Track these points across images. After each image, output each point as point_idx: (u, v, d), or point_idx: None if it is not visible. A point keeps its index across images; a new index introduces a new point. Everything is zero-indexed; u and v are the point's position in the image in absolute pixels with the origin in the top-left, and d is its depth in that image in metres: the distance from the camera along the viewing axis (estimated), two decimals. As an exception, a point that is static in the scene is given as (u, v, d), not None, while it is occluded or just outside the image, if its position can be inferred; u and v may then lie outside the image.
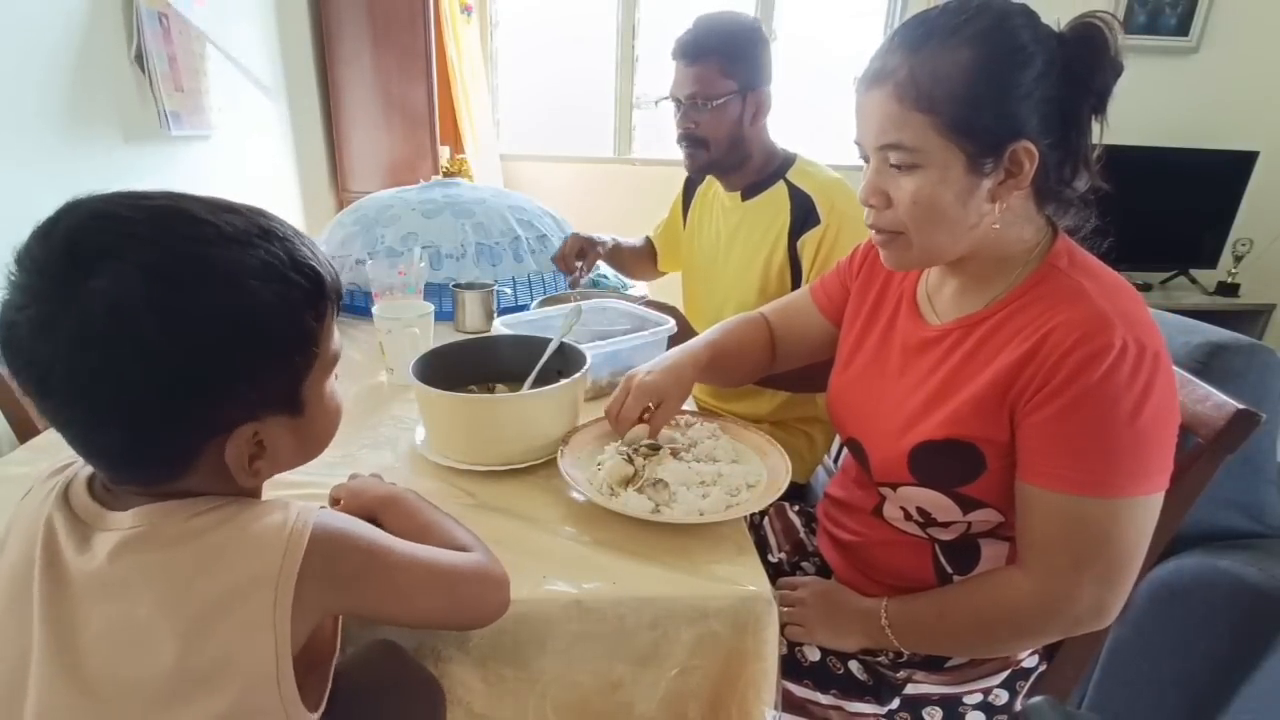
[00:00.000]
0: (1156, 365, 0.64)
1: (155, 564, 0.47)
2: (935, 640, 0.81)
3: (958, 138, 0.67)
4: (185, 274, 0.46)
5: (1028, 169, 0.67)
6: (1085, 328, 0.65)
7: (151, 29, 1.60)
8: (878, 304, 0.89)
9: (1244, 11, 2.97)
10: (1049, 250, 0.73)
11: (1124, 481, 0.65)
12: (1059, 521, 0.68)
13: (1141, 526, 0.67)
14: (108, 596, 0.47)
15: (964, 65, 0.65)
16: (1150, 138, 2.90)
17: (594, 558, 0.73)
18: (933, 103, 0.66)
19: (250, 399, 0.50)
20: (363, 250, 1.47)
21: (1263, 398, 0.95)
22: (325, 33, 2.53)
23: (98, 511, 0.49)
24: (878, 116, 0.70)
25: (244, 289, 0.47)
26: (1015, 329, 0.71)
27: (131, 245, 0.45)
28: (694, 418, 0.97)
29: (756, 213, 1.31)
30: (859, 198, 0.75)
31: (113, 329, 0.44)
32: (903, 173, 0.70)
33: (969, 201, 0.69)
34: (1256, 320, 3.06)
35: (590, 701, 0.70)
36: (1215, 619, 0.98)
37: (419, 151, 2.62)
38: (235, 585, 0.47)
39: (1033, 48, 0.66)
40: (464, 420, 0.87)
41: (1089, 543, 0.67)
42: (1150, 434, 0.65)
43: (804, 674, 0.83)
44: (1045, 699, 0.83)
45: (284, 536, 0.48)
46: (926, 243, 0.72)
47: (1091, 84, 0.68)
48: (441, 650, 0.68)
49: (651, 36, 3.12)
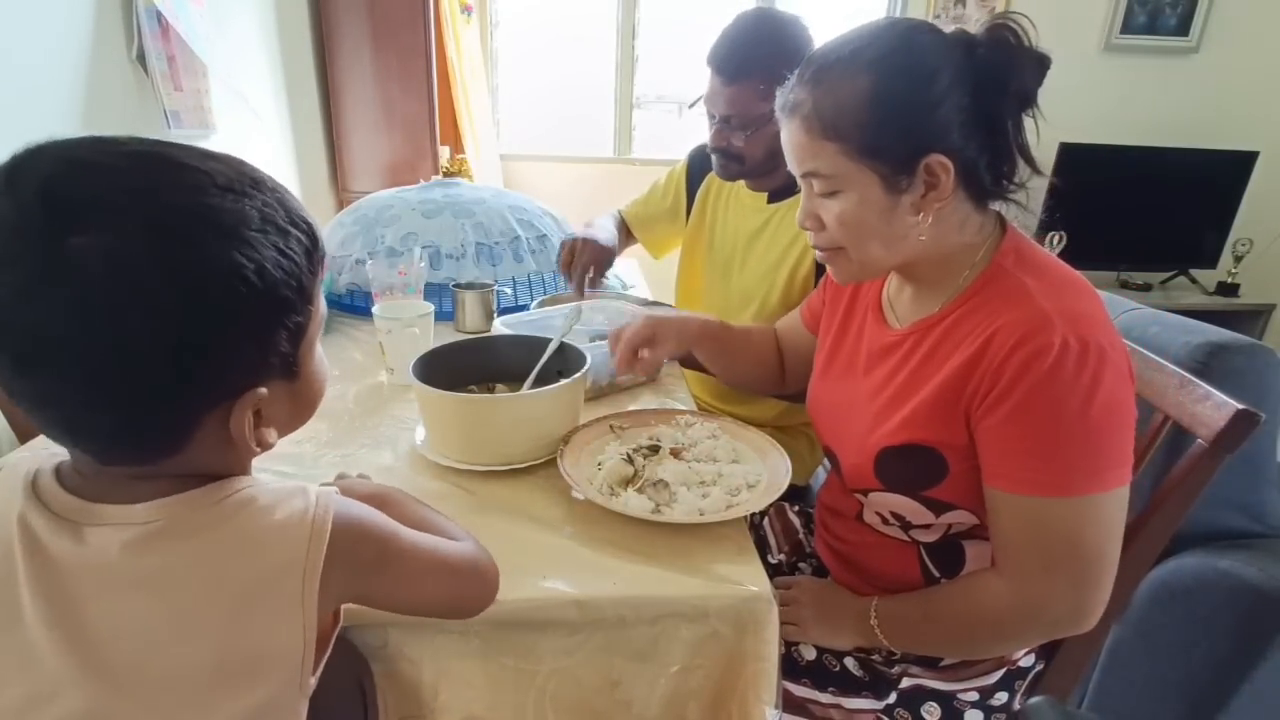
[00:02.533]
0: (1102, 360, 0.64)
1: (184, 557, 0.45)
2: (923, 642, 0.81)
3: (868, 160, 0.69)
4: (188, 226, 0.42)
5: (945, 180, 0.69)
6: (1025, 328, 0.66)
7: (151, 29, 1.60)
8: (849, 313, 0.91)
9: (1244, 11, 2.97)
10: (996, 249, 0.74)
11: (1080, 480, 0.66)
12: (1024, 524, 0.69)
13: (1107, 524, 0.67)
14: (127, 591, 0.44)
15: (862, 91, 0.68)
16: (1150, 138, 2.90)
17: (594, 557, 0.73)
18: (838, 131, 0.69)
19: (255, 362, 0.47)
20: (363, 250, 1.47)
21: (1263, 398, 0.95)
22: (325, 33, 2.53)
23: (80, 505, 0.46)
24: (793, 147, 0.73)
25: (246, 242, 0.44)
26: (965, 331, 0.72)
27: (122, 196, 0.41)
28: (694, 418, 0.97)
29: (784, 218, 1.26)
30: (797, 221, 0.79)
31: (113, 290, 0.40)
32: (826, 197, 0.73)
33: (892, 218, 0.71)
34: (1256, 320, 3.06)
35: (590, 700, 0.70)
36: (1215, 619, 0.98)
37: (419, 152, 2.62)
38: (265, 572, 0.46)
39: (934, 62, 0.68)
40: (464, 420, 0.87)
41: (1056, 545, 0.67)
42: (1102, 429, 0.65)
43: (801, 673, 0.83)
44: (1045, 699, 0.84)
45: (308, 522, 0.47)
46: (863, 257, 0.75)
47: (1008, 85, 0.68)
48: (443, 646, 0.68)
49: (651, 36, 3.12)
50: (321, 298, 0.53)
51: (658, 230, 1.56)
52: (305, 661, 0.47)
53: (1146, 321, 1.07)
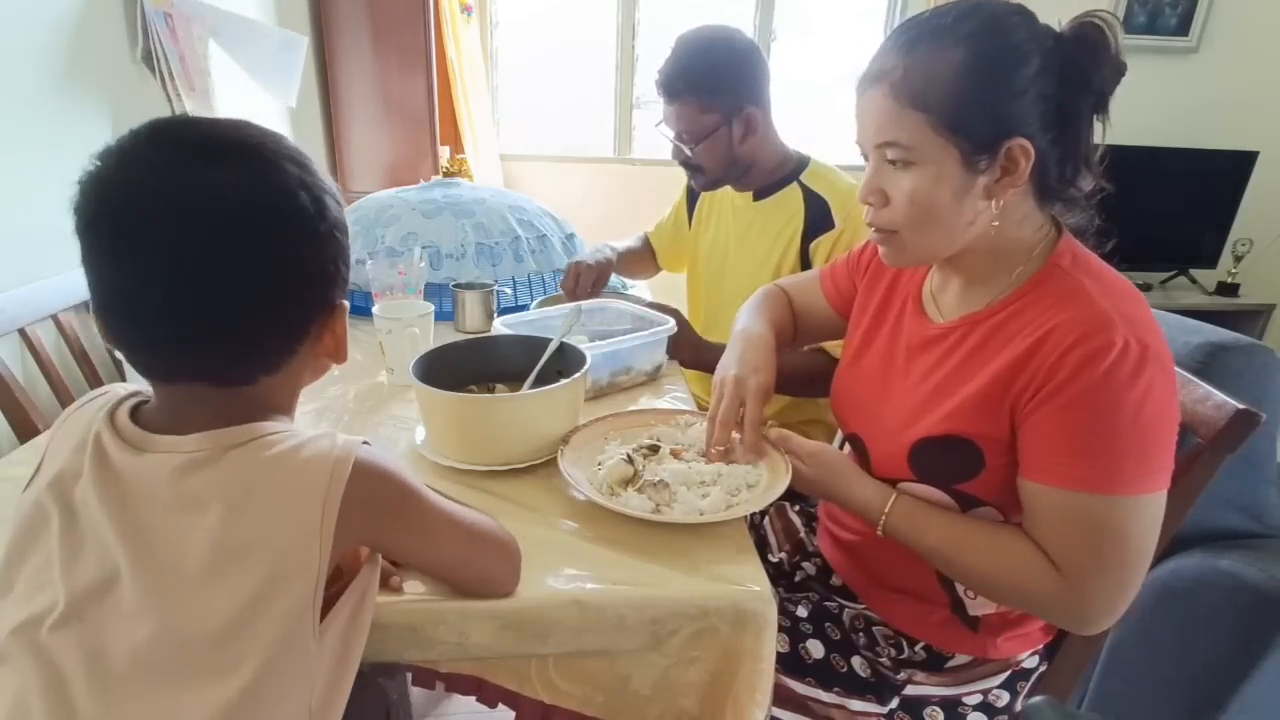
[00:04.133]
0: (1159, 365, 0.64)
1: (219, 481, 0.51)
2: (927, 557, 0.79)
3: (951, 135, 0.68)
4: (304, 159, 0.54)
5: (1023, 167, 0.68)
6: (1086, 326, 0.65)
7: (160, 30, 1.60)
8: (885, 302, 0.90)
9: (1244, 11, 2.97)
10: (1052, 249, 0.73)
11: (1129, 479, 0.65)
12: (1071, 520, 0.68)
13: (1148, 525, 0.67)
14: (173, 507, 0.51)
15: (956, 65, 0.67)
16: (1150, 138, 2.90)
17: (594, 557, 0.73)
18: (926, 101, 0.68)
19: (339, 278, 0.57)
20: (363, 250, 1.47)
21: (1263, 398, 0.95)
22: (325, 32, 2.53)
23: (142, 435, 0.53)
24: (875, 115, 0.71)
25: (320, 178, 0.55)
26: (1017, 328, 0.71)
27: (254, 140, 0.52)
28: (694, 418, 0.97)
29: (769, 214, 1.30)
30: (858, 195, 0.76)
31: (277, 208, 0.51)
32: (900, 170, 0.71)
33: (965, 198, 0.70)
34: (1256, 320, 3.06)
35: (588, 665, 0.70)
36: (1215, 619, 0.98)
37: (419, 151, 2.62)
38: (289, 500, 0.51)
39: (1028, 47, 0.67)
40: (464, 420, 0.87)
41: (1106, 543, 0.67)
42: (1152, 432, 0.65)
43: (807, 671, 0.83)
44: (1045, 699, 0.84)
45: (331, 460, 0.52)
46: (921, 241, 0.74)
47: (1090, 83, 0.68)
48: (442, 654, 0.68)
49: (651, 36, 3.12)
50: None
51: (672, 248, 1.61)
52: (317, 591, 0.51)
53: (1146, 321, 1.07)
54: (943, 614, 0.83)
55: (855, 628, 0.86)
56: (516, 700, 0.71)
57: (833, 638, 0.85)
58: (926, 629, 0.84)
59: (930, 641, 0.84)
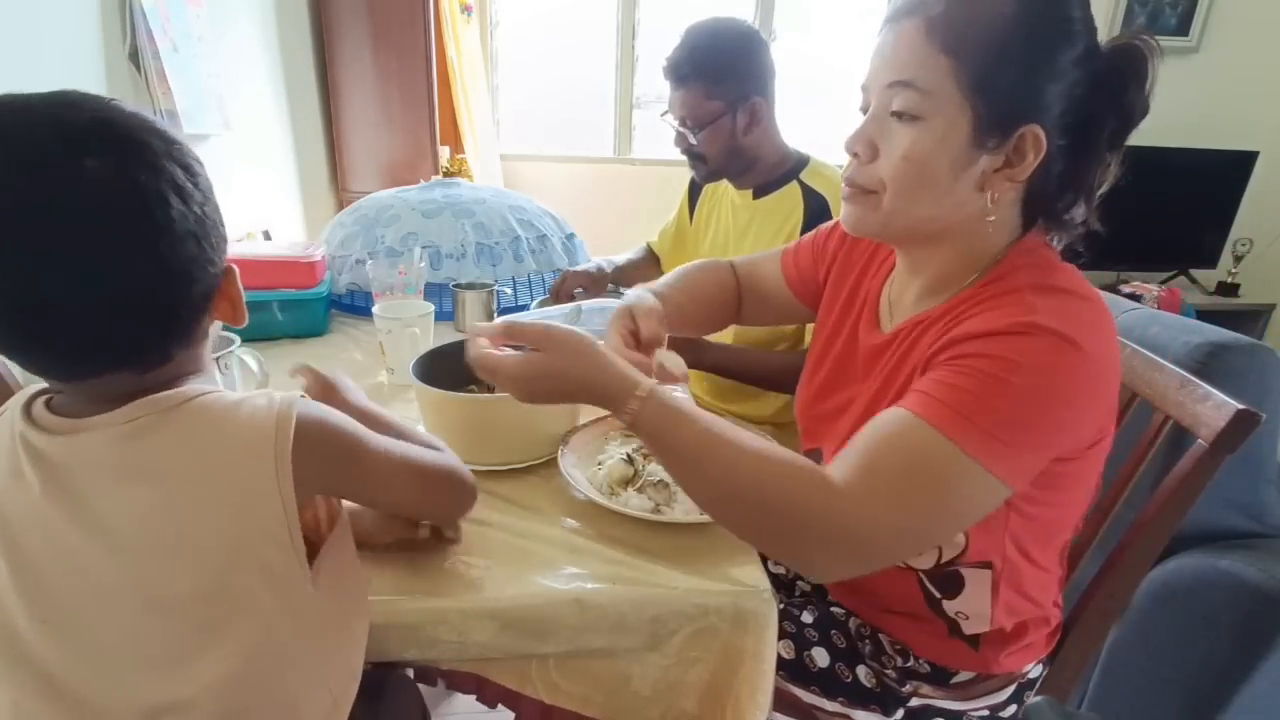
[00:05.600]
0: (1076, 363, 0.58)
1: (164, 446, 0.51)
2: (685, 455, 0.63)
3: (974, 94, 0.61)
4: (177, 140, 0.52)
5: (1029, 161, 0.63)
6: (1002, 314, 0.61)
7: (145, 27, 1.60)
8: (844, 313, 0.86)
9: (1244, 11, 2.97)
10: (1005, 255, 0.68)
11: (979, 438, 0.58)
12: (898, 446, 0.60)
13: (967, 499, 0.60)
14: (122, 481, 0.50)
15: (1005, 16, 0.61)
16: (1150, 138, 2.87)
17: (594, 557, 0.73)
18: (961, 46, 0.61)
19: (223, 243, 0.55)
20: (363, 250, 1.47)
21: (1263, 398, 0.95)
22: (325, 33, 2.53)
23: (69, 423, 0.52)
24: (898, 49, 0.64)
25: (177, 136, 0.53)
26: (942, 327, 0.67)
27: (121, 124, 0.49)
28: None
29: (768, 211, 1.30)
30: (845, 146, 0.69)
31: (161, 194, 0.48)
32: (902, 124, 0.64)
33: (960, 175, 0.64)
34: (1256, 320, 3.06)
35: (589, 665, 0.70)
36: (1215, 619, 0.98)
37: (419, 151, 2.62)
38: (238, 455, 0.51)
39: (1079, 27, 0.62)
40: (464, 420, 0.87)
41: (921, 483, 0.59)
42: (1032, 418, 0.59)
43: (811, 680, 0.81)
44: (1045, 699, 0.83)
45: (274, 414, 0.52)
46: (901, 207, 0.66)
47: (1123, 100, 0.63)
48: (443, 653, 0.68)
49: (651, 36, 3.12)
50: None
51: (675, 249, 1.61)
52: (293, 542, 0.52)
53: (1146, 321, 1.07)
54: (941, 632, 0.80)
55: (861, 635, 0.85)
56: (517, 700, 0.71)
57: (838, 646, 0.84)
58: (928, 647, 0.82)
59: (932, 659, 0.82)
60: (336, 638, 0.58)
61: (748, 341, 1.31)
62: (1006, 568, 0.73)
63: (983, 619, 0.77)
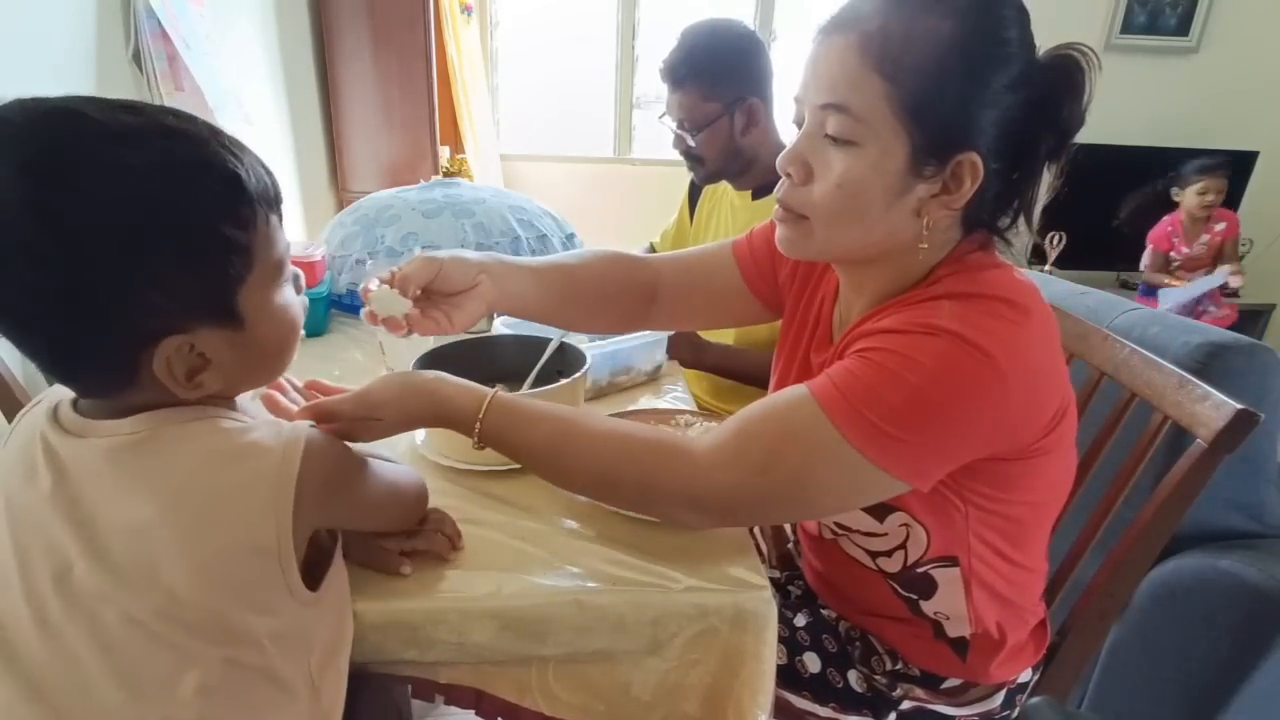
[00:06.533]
0: (979, 369, 0.57)
1: (162, 464, 0.50)
2: (541, 452, 0.65)
3: (909, 121, 0.59)
4: (63, 171, 0.44)
5: (966, 188, 0.61)
6: (916, 310, 0.62)
7: (149, 29, 1.60)
8: (801, 325, 0.85)
9: (1244, 11, 2.98)
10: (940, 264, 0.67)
11: (863, 427, 0.58)
12: (784, 416, 0.61)
13: (835, 484, 0.61)
14: (116, 492, 0.50)
15: (942, 39, 0.58)
16: (1150, 138, 2.90)
17: (594, 557, 0.73)
18: (896, 71, 0.59)
19: (168, 309, 0.48)
20: (363, 250, 1.47)
21: (1263, 398, 0.95)
22: (325, 33, 2.53)
23: (84, 423, 0.52)
24: (832, 69, 0.61)
25: (133, 189, 0.45)
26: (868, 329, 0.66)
27: (6, 144, 0.44)
28: (694, 417, 0.97)
29: (766, 212, 1.29)
30: (778, 164, 0.67)
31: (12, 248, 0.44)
32: (835, 148, 0.62)
33: (895, 203, 0.62)
34: (1256, 320, 3.06)
35: (588, 672, 0.70)
36: (1215, 619, 0.98)
37: (419, 151, 2.62)
38: (238, 481, 0.50)
39: (1015, 49, 0.60)
40: (464, 420, 0.87)
41: (791, 456, 0.60)
42: (926, 418, 0.58)
43: (803, 685, 0.81)
44: (1045, 699, 0.83)
45: (280, 443, 0.52)
46: (831, 236, 0.65)
47: (1057, 118, 0.62)
48: (441, 654, 0.68)
49: (651, 36, 3.12)
50: (275, 246, 0.54)
51: (680, 246, 1.59)
52: (287, 572, 0.51)
53: (1146, 322, 1.07)
54: (927, 634, 0.79)
55: (851, 639, 0.85)
56: (516, 713, 0.70)
57: (830, 650, 0.83)
58: (917, 651, 0.81)
59: (922, 665, 0.81)
60: (323, 659, 0.56)
61: (748, 342, 1.31)
62: (976, 565, 0.72)
63: (962, 620, 0.76)
